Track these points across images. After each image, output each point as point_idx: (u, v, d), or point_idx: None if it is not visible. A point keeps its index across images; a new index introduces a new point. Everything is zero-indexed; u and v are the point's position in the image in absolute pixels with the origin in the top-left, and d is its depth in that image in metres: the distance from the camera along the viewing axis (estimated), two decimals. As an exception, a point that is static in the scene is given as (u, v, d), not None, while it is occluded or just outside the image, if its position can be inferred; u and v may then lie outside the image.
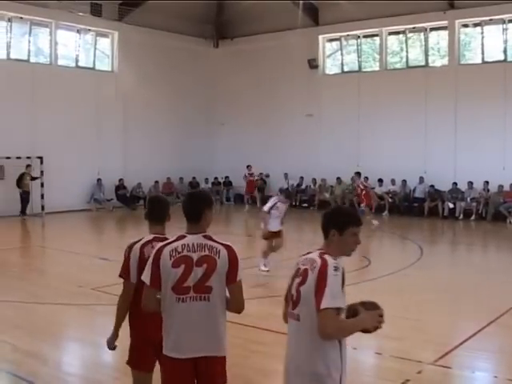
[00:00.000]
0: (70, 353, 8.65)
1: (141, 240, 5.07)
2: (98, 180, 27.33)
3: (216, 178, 31.62)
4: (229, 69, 31.68)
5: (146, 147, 29.08)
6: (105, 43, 29.12)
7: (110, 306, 5.77)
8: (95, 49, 28.65)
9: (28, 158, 24.75)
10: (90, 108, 27.23)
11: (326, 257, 3.94)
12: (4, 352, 7.94)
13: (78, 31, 27.55)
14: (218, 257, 4.27)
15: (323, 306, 3.77)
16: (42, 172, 24.77)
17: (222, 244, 4.35)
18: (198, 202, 4.47)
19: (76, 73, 27.31)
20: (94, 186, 27.14)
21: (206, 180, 31.32)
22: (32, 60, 26.35)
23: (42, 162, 24.89)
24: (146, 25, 28.45)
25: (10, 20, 25.22)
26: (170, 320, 4.31)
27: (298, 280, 4.02)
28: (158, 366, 4.75)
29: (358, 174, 23.40)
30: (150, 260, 4.34)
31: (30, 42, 26.36)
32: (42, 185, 24.80)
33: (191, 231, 4.38)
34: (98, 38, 28.56)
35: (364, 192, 22.67)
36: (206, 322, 4.28)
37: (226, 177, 31.47)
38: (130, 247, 5.04)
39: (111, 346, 5.15)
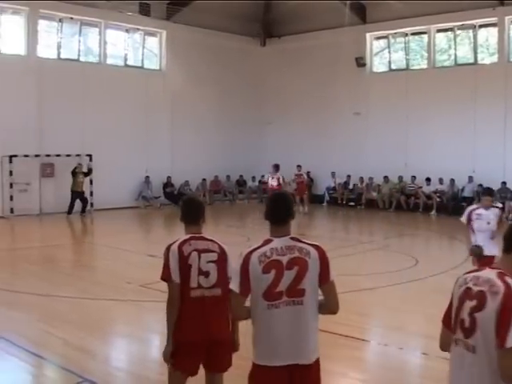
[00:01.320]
0: (118, 348, 8.80)
1: (177, 240, 5.07)
2: (146, 177, 27.63)
3: (263, 177, 31.66)
4: (276, 67, 31.67)
5: (193, 145, 29.28)
6: (153, 42, 29.42)
7: (157, 302, 5.87)
8: (143, 48, 28.97)
9: (77, 155, 25.19)
10: (138, 106, 27.55)
11: (510, 281, 3.33)
12: (55, 346, 8.12)
13: (127, 30, 27.91)
14: (309, 257, 4.16)
15: (509, 344, 3.19)
16: (91, 170, 25.18)
17: (310, 244, 4.26)
18: (286, 204, 4.36)
19: (125, 72, 27.66)
20: (142, 184, 27.44)
21: (253, 178, 31.40)
22: (82, 59, 26.76)
23: (91, 160, 25.29)
24: (193, 24, 28.63)
25: (60, 20, 25.67)
26: (261, 328, 4.18)
27: (470, 304, 3.43)
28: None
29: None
30: (238, 267, 4.19)
31: (80, 41, 26.79)
32: (91, 182, 25.21)
33: (277, 234, 4.25)
34: (146, 37, 28.87)
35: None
36: (299, 328, 4.14)
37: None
38: (168, 248, 5.03)
39: (168, 357, 4.95)
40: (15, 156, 23.48)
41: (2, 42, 24.32)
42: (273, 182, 20.57)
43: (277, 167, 20.41)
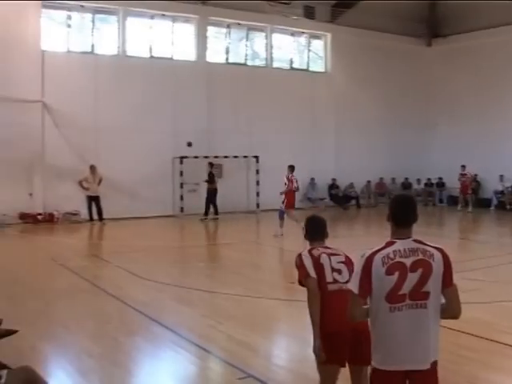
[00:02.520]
0: (279, 346, 8.96)
1: (305, 248, 5.40)
2: (311, 179, 27.88)
3: (429, 179, 30.91)
4: (443, 68, 30.86)
5: (358, 147, 29.19)
6: (318, 45, 29.65)
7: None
8: (309, 50, 29.27)
9: (245, 157, 25.91)
10: (303, 108, 27.89)
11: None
12: (220, 341, 8.41)
13: (292, 34, 28.34)
14: (433, 260, 4.06)
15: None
16: (257, 170, 25.78)
17: (434, 247, 4.14)
18: (411, 207, 4.26)
19: (290, 74, 28.13)
20: (307, 185, 27.70)
21: (418, 181, 30.78)
22: (249, 63, 27.50)
23: (257, 161, 25.91)
24: (357, 25, 28.55)
25: (228, 26, 26.60)
26: (381, 331, 4.13)
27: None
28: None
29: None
30: (359, 268, 4.12)
31: (246, 46, 27.57)
32: (258, 183, 25.83)
33: (400, 236, 4.16)
34: (311, 39, 29.15)
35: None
36: (420, 332, 4.06)
37: (440, 178, 30.57)
38: (299, 255, 5.32)
39: (318, 351, 4.99)
40: (185, 157, 24.54)
41: (175, 49, 25.58)
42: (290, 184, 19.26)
43: (292, 168, 19.18)
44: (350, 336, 4.91)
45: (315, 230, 5.60)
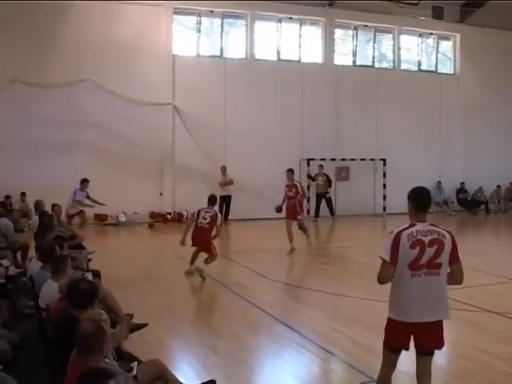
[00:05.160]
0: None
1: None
2: (438, 183, 27.26)
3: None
4: None
5: (488, 150, 28.26)
6: (446, 46, 28.98)
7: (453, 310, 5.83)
8: (437, 52, 28.64)
9: (372, 160, 25.70)
10: (431, 110, 27.34)
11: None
12: (343, 343, 8.38)
13: (420, 35, 27.83)
14: (445, 239, 5.20)
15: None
16: (384, 173, 25.49)
17: (445, 230, 5.31)
18: (429, 197, 5.48)
19: (418, 76, 27.65)
20: (433, 189, 27.09)
21: (552, 185, 29.40)
22: (376, 65, 27.25)
23: (384, 164, 25.62)
24: (487, 25, 27.65)
25: (355, 28, 26.47)
26: (402, 292, 5.24)
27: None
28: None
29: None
30: (390, 242, 5.16)
31: (374, 48, 27.32)
32: (385, 186, 25.53)
33: (419, 220, 5.29)
34: (439, 40, 28.51)
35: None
36: (434, 293, 5.21)
37: None
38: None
39: None
40: (312, 159, 24.62)
41: (302, 52, 25.73)
42: (289, 193, 16.76)
43: (291, 172, 17.47)
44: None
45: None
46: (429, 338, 5.28)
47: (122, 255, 16.20)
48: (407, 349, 5.39)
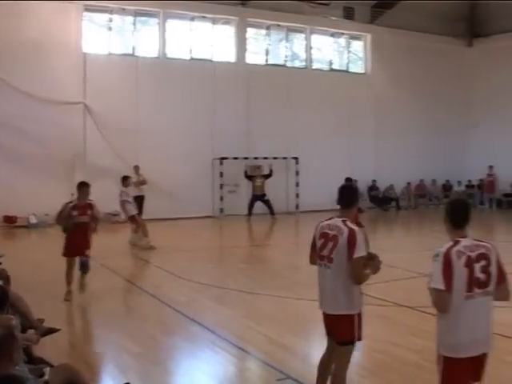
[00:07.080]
0: (318, 348, 8.89)
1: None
2: (347, 179, 27.68)
3: (470, 181, 30.50)
4: (484, 68, 30.43)
5: (397, 148, 28.98)
6: (357, 46, 29.53)
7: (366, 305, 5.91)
8: (348, 52, 29.16)
9: (284, 158, 25.90)
10: (342, 110, 27.79)
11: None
12: (258, 342, 8.40)
13: (332, 35, 28.27)
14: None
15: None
16: (297, 172, 25.76)
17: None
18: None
19: (330, 75, 28.02)
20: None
21: (459, 183, 30.41)
22: (288, 64, 27.50)
23: (297, 163, 25.91)
24: (397, 26, 28.38)
25: (268, 28, 26.64)
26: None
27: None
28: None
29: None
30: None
31: (286, 47, 27.57)
32: (297, 184, 25.81)
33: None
34: (350, 40, 29.03)
35: None
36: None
37: (481, 179, 30.06)
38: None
39: None
40: (225, 158, 24.63)
41: (215, 51, 25.70)
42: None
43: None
44: None
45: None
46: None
47: (33, 258, 15.72)
48: None
